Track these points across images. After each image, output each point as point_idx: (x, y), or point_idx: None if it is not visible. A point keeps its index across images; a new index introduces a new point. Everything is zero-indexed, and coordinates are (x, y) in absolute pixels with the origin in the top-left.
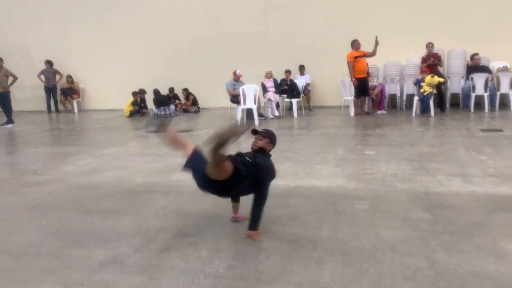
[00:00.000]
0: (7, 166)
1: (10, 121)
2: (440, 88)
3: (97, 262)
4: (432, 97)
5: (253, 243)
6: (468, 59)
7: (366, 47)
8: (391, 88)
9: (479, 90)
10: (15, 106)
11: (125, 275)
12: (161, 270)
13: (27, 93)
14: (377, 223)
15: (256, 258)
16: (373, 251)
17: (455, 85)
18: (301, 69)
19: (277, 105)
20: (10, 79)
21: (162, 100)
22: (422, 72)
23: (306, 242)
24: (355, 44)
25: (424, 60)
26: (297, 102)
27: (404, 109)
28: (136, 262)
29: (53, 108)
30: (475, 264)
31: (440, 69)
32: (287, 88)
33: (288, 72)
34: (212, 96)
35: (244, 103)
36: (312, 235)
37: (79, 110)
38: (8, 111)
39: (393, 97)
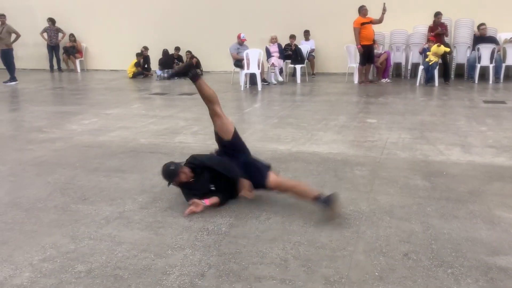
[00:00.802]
0: (12, 123)
1: (13, 78)
2: (445, 58)
3: (104, 217)
4: (437, 67)
5: (254, 205)
6: (475, 29)
7: (373, 14)
8: (397, 57)
9: (485, 61)
10: (18, 63)
11: (132, 230)
12: (165, 226)
13: (30, 51)
14: (376, 189)
15: (257, 218)
16: (370, 215)
17: (461, 55)
18: (306, 34)
19: (281, 71)
20: (13, 36)
21: (168, 61)
22: (428, 41)
23: (305, 205)
24: (362, 11)
25: (431, 29)
26: (301, 68)
27: (408, 78)
28: (141, 218)
29: (55, 66)
30: (468, 230)
31: (446, 39)
32: (291, 53)
33: (292, 37)
34: (215, 59)
35: (248, 68)
36: None
37: (82, 70)
38: (10, 68)
39: (398, 65)
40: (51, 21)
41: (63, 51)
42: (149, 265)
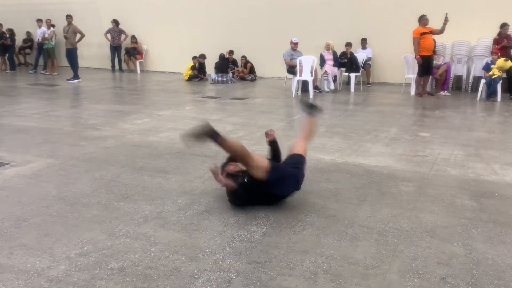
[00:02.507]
0: (69, 119)
1: (76, 76)
2: (510, 72)
3: (142, 216)
4: (501, 81)
5: (290, 214)
6: None
7: (434, 23)
8: (458, 69)
9: None
10: (82, 62)
11: (167, 231)
12: (200, 229)
13: (94, 51)
14: (419, 206)
15: (291, 228)
16: (410, 234)
17: None
18: (363, 42)
19: (335, 79)
20: (78, 36)
21: (223, 66)
22: (492, 54)
23: (343, 218)
24: (422, 20)
25: (496, 41)
26: (356, 76)
27: (469, 91)
28: (178, 220)
29: (117, 67)
30: None
31: None
32: (346, 61)
33: (348, 45)
34: (269, 65)
35: (301, 75)
36: (351, 212)
37: (141, 71)
38: (74, 66)
39: (458, 78)
40: (115, 22)
41: (125, 52)
42: (179, 268)
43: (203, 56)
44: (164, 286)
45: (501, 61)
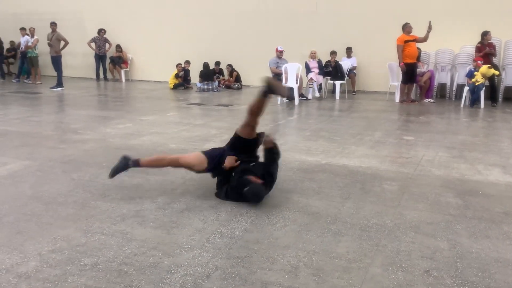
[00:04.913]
0: (50, 124)
1: (59, 84)
2: (492, 80)
3: (120, 214)
4: (484, 89)
5: (272, 212)
6: None
7: (418, 32)
8: (441, 77)
9: None
10: (66, 71)
11: (144, 228)
12: (179, 227)
13: (79, 60)
14: (403, 203)
15: (273, 225)
16: (394, 229)
17: (510, 78)
18: (348, 51)
19: (320, 87)
20: (62, 43)
21: (209, 74)
22: (473, 61)
23: (326, 215)
24: (406, 28)
25: (478, 49)
26: (341, 84)
27: (453, 99)
28: (156, 217)
29: (101, 76)
30: (499, 251)
31: (494, 60)
32: (331, 69)
33: (333, 53)
34: (255, 73)
35: (286, 82)
36: (334, 209)
37: (126, 80)
38: (58, 74)
39: (442, 86)
40: (103, 31)
41: (110, 61)
42: (156, 263)
43: (187, 62)
44: (139, 281)
45: (484, 68)
